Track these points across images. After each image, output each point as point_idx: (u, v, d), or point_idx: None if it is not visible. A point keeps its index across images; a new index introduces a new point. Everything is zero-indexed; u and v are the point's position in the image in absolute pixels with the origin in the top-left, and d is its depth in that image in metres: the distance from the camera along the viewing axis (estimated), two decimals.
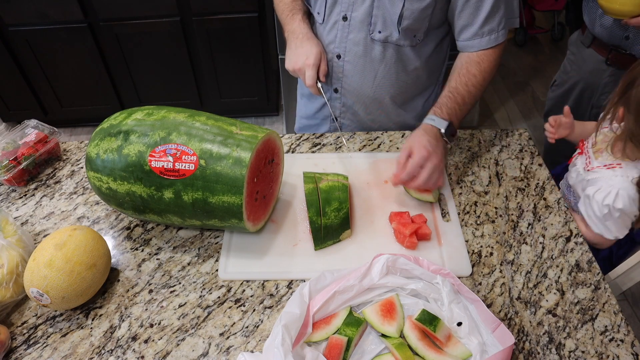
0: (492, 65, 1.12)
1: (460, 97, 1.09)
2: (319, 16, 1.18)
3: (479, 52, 1.12)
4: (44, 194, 1.12)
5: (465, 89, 1.10)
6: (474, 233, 1.01)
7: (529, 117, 2.94)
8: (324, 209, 0.95)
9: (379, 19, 1.10)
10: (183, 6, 2.30)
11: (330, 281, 0.85)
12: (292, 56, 1.13)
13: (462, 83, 1.10)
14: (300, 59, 1.11)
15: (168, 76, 2.59)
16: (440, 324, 0.79)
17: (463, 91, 1.09)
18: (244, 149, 0.86)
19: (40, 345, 0.84)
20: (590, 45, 1.53)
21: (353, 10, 1.11)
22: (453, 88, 1.10)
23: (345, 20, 1.13)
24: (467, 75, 1.11)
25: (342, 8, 1.12)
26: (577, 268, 0.94)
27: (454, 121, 1.06)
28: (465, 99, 1.09)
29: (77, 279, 0.83)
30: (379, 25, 1.11)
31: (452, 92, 1.09)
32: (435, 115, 1.06)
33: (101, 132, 0.92)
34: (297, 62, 1.11)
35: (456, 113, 1.08)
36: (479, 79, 1.11)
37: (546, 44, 3.57)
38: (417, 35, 1.13)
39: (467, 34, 1.10)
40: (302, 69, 1.11)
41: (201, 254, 0.98)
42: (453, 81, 1.11)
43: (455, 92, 1.09)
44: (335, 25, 1.16)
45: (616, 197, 0.97)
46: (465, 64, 1.12)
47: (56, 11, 2.27)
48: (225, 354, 0.82)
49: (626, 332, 0.84)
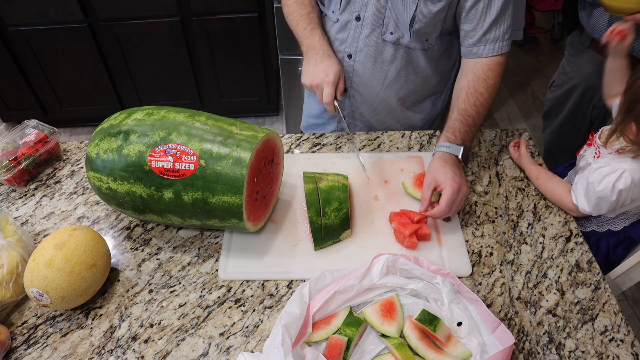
0: (497, 82, 1.12)
1: (471, 118, 1.07)
2: (333, 15, 1.18)
3: (485, 67, 1.10)
4: (44, 194, 1.12)
5: (474, 109, 1.08)
6: (474, 233, 1.01)
7: (529, 117, 2.94)
8: (324, 209, 0.95)
9: (391, 20, 1.10)
10: (183, 6, 2.30)
11: (330, 281, 0.85)
12: (310, 72, 1.11)
13: (471, 104, 1.08)
14: (320, 76, 1.08)
15: (168, 76, 2.59)
16: (440, 324, 0.79)
17: (472, 112, 1.08)
18: (244, 149, 0.86)
19: (40, 345, 0.84)
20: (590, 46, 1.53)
21: (366, 11, 1.11)
22: (463, 110, 1.08)
23: (358, 20, 1.14)
24: (475, 95, 1.09)
25: (355, 8, 1.12)
26: (577, 268, 0.94)
27: (467, 144, 1.06)
28: (475, 120, 1.08)
29: (77, 279, 0.83)
30: (391, 26, 1.11)
31: (462, 114, 1.08)
32: (449, 142, 1.05)
33: (101, 132, 0.92)
34: (315, 78, 1.09)
35: (468, 136, 1.07)
36: (486, 97, 1.09)
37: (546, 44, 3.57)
38: (430, 39, 1.13)
39: (471, 40, 1.09)
40: (320, 85, 1.08)
41: (201, 254, 0.98)
42: (462, 102, 1.09)
43: (466, 114, 1.08)
44: (348, 24, 1.16)
45: (620, 176, 0.95)
46: (472, 82, 1.10)
47: (56, 11, 2.27)
48: (225, 354, 0.82)
49: (626, 332, 0.84)
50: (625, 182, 0.94)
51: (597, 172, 0.97)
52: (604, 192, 0.96)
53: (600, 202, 0.98)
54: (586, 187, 0.99)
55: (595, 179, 0.97)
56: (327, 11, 1.20)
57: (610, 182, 0.95)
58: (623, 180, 0.94)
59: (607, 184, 0.95)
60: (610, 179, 0.95)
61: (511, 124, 2.90)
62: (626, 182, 0.94)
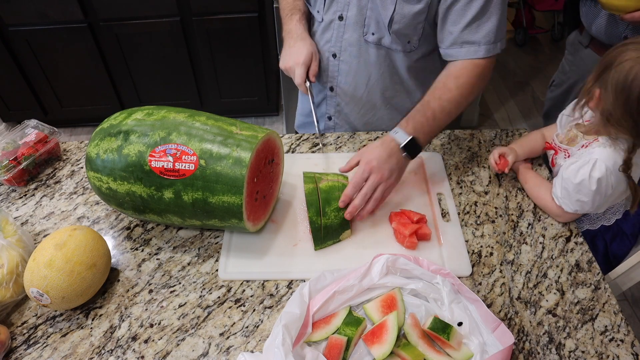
0: (471, 82, 1.05)
1: (431, 111, 1.02)
2: (318, 15, 1.18)
3: (459, 65, 1.06)
4: (44, 194, 1.12)
5: (438, 103, 1.03)
6: (474, 233, 1.01)
7: (529, 117, 2.94)
8: (324, 209, 0.95)
9: (372, 20, 1.10)
10: (183, 6, 2.30)
11: (330, 281, 0.85)
12: (285, 55, 1.16)
13: (436, 97, 1.03)
14: (292, 58, 1.13)
15: (168, 76, 2.59)
16: (453, 332, 0.78)
17: (434, 105, 1.02)
18: (244, 149, 0.86)
19: (40, 345, 0.84)
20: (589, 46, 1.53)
21: (348, 10, 1.12)
22: (425, 101, 1.04)
23: (341, 19, 1.14)
24: (443, 89, 1.04)
25: (338, 7, 1.13)
26: (577, 268, 0.94)
27: (419, 136, 0.99)
28: (436, 114, 1.02)
29: (77, 279, 0.83)
30: (372, 27, 1.11)
31: (424, 105, 1.03)
32: (400, 128, 1.00)
33: (101, 132, 0.92)
34: (288, 60, 1.13)
35: (423, 128, 1.01)
36: (455, 94, 1.03)
37: (546, 44, 3.57)
38: (412, 41, 1.12)
39: (446, 42, 1.07)
40: (292, 67, 1.13)
41: (201, 254, 0.98)
42: (427, 95, 1.05)
43: (427, 106, 1.03)
44: (331, 24, 1.16)
45: (594, 165, 0.94)
46: (443, 77, 1.07)
47: (56, 11, 2.27)
48: (225, 354, 0.82)
49: (626, 332, 0.84)
50: (600, 169, 0.93)
51: (570, 168, 0.97)
52: (582, 184, 0.94)
53: (581, 197, 0.96)
54: (563, 184, 0.98)
55: (570, 174, 0.96)
56: (313, 11, 1.21)
57: (585, 173, 0.94)
58: (597, 169, 0.93)
59: (583, 176, 0.94)
60: (585, 170, 0.94)
61: (511, 124, 2.90)
62: (601, 170, 0.93)
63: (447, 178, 1.12)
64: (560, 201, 0.99)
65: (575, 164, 0.96)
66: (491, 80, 1.17)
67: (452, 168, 1.16)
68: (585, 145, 0.99)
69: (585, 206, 0.97)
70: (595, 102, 0.94)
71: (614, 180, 0.95)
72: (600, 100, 0.93)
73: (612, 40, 1.43)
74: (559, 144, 1.07)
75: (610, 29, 1.41)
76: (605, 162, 0.93)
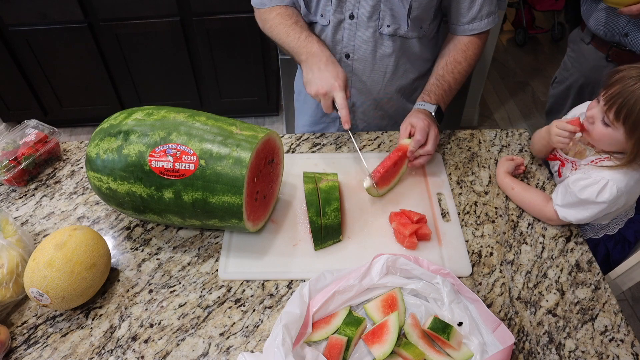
0: (477, 52, 1.20)
1: (447, 83, 1.16)
2: (322, 19, 1.16)
3: (466, 40, 1.18)
4: (44, 194, 1.12)
5: (452, 76, 1.17)
6: (474, 233, 1.01)
7: (529, 117, 2.94)
8: (324, 209, 0.95)
9: (387, 13, 1.11)
10: (183, 6, 2.30)
11: (330, 281, 0.85)
12: (316, 80, 1.07)
13: (449, 71, 1.17)
14: (328, 83, 1.05)
15: (168, 76, 2.59)
16: (453, 332, 0.78)
17: (449, 78, 1.17)
18: (244, 149, 0.86)
19: (40, 345, 0.84)
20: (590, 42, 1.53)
21: (360, 8, 1.12)
22: (440, 76, 1.17)
23: (352, 18, 1.14)
24: (454, 63, 1.17)
25: (348, 6, 1.12)
26: (577, 268, 0.94)
27: (441, 105, 1.15)
28: (452, 85, 1.17)
29: (77, 279, 0.83)
30: (387, 19, 1.12)
31: (439, 79, 1.17)
32: (424, 102, 1.14)
33: (101, 132, 0.92)
34: (323, 86, 1.05)
35: (443, 98, 1.16)
36: (464, 66, 1.18)
37: (546, 44, 3.57)
38: (423, 26, 1.17)
39: (467, 18, 1.15)
40: (329, 93, 1.05)
41: (201, 254, 0.98)
42: (440, 69, 1.18)
43: (442, 80, 1.16)
44: (341, 24, 1.16)
45: (604, 187, 0.92)
46: (452, 51, 1.19)
47: (56, 11, 2.27)
48: (225, 354, 0.82)
49: (626, 332, 0.84)
50: (611, 191, 0.91)
51: (579, 184, 0.94)
52: (587, 201, 0.93)
53: (582, 212, 0.95)
54: (567, 196, 0.96)
55: (576, 189, 0.94)
56: (314, 18, 1.18)
57: (593, 192, 0.92)
58: (608, 191, 0.91)
59: (590, 194, 0.93)
60: (594, 189, 0.92)
61: (511, 124, 2.90)
62: (612, 192, 0.91)
63: (447, 178, 1.12)
64: (561, 210, 0.98)
65: (585, 180, 0.94)
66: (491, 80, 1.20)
67: (452, 168, 1.16)
68: (595, 162, 0.97)
69: (584, 219, 0.96)
70: None
71: (622, 201, 0.95)
72: None
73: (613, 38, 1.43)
74: (565, 156, 1.06)
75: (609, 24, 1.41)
76: (617, 184, 0.92)
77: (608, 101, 0.89)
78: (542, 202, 1.01)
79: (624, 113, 0.87)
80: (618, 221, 1.06)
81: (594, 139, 0.96)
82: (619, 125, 0.89)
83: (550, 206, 1.00)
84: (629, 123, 0.87)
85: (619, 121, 0.88)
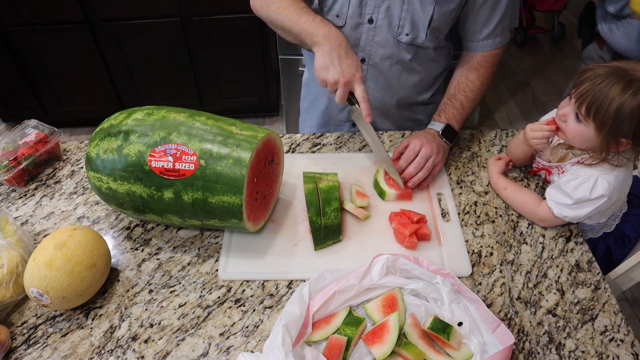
0: (491, 70, 1.19)
1: (459, 102, 1.17)
2: (338, 19, 1.12)
3: (478, 57, 1.18)
4: (44, 194, 1.12)
5: (463, 94, 1.17)
6: (474, 233, 1.01)
7: (529, 117, 2.94)
8: (324, 209, 0.95)
9: (407, 21, 1.09)
10: (183, 6, 2.30)
11: (330, 281, 0.85)
12: (336, 67, 0.98)
13: (460, 89, 1.18)
14: (350, 71, 0.97)
15: (168, 76, 2.59)
16: (453, 332, 0.78)
17: (461, 97, 1.17)
18: (244, 149, 0.86)
19: (40, 345, 0.84)
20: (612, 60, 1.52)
21: (379, 13, 1.09)
22: (451, 95, 1.18)
23: (370, 22, 1.11)
24: (465, 82, 1.18)
25: (368, 10, 1.09)
26: (577, 268, 0.94)
27: (452, 123, 1.14)
28: (464, 103, 1.17)
29: (77, 279, 0.83)
30: (407, 27, 1.10)
31: (450, 98, 1.18)
32: (434, 121, 1.16)
33: (101, 132, 0.92)
34: (344, 74, 0.97)
35: (455, 116, 1.15)
36: (477, 84, 1.18)
37: (546, 44, 3.57)
38: (439, 37, 1.16)
39: (482, 35, 1.15)
40: (350, 82, 0.98)
41: (201, 254, 0.98)
42: (452, 89, 1.19)
43: (454, 99, 1.17)
44: (359, 28, 1.13)
45: (595, 184, 0.93)
46: (465, 70, 1.19)
47: (56, 11, 2.27)
48: (225, 354, 0.82)
49: (626, 332, 0.84)
50: (603, 187, 0.92)
51: (570, 184, 0.95)
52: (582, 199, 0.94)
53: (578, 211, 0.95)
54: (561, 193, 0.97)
55: (569, 189, 0.95)
56: (327, 17, 1.13)
57: (586, 190, 0.93)
58: (600, 186, 0.92)
59: (583, 192, 0.93)
60: (586, 187, 0.93)
61: (511, 124, 2.90)
62: (604, 187, 0.92)
63: (447, 178, 1.12)
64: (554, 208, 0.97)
65: (575, 180, 0.95)
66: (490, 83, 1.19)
67: (452, 168, 1.16)
68: (580, 162, 0.98)
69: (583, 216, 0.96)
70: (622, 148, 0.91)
71: (616, 195, 0.95)
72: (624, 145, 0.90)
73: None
74: (549, 164, 1.06)
75: None
76: (606, 179, 0.93)
77: (578, 98, 0.91)
78: (535, 202, 1.01)
79: (593, 110, 0.88)
80: (614, 217, 1.07)
81: (568, 137, 0.97)
82: (590, 121, 0.91)
83: (543, 206, 1.00)
84: (597, 119, 0.89)
85: (590, 117, 0.90)
